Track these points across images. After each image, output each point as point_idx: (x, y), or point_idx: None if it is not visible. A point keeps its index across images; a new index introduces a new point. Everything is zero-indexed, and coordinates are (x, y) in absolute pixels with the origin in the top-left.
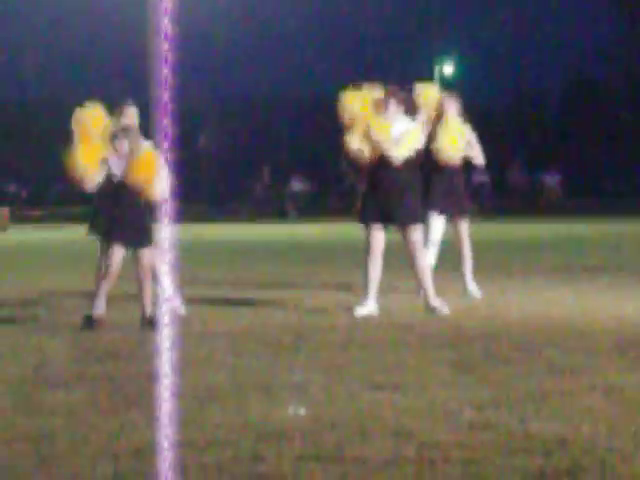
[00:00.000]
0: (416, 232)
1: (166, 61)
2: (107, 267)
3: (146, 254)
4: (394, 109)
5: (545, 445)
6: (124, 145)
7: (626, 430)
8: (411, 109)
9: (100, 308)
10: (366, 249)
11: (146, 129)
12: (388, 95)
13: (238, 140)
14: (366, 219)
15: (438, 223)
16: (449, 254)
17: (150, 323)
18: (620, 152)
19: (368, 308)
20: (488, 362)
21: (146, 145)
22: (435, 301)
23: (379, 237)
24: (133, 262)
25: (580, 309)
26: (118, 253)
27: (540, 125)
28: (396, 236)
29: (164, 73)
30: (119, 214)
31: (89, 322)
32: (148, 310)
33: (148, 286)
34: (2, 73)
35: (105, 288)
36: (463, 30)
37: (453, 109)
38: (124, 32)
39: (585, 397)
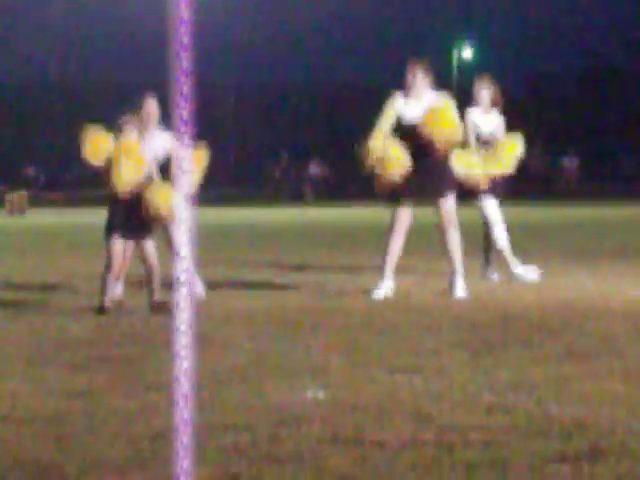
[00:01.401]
0: (450, 201)
1: (183, 46)
2: (107, 259)
3: (149, 244)
4: (421, 81)
5: (564, 428)
6: (133, 136)
7: None
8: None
9: (113, 294)
10: (391, 227)
11: (166, 117)
12: (414, 66)
13: (257, 124)
14: (396, 196)
15: (490, 203)
16: (469, 237)
17: (159, 307)
18: (638, 135)
19: (385, 289)
20: (507, 345)
21: (163, 135)
22: (458, 283)
23: (406, 214)
24: (138, 250)
25: (598, 293)
26: (117, 245)
27: (558, 109)
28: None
29: (182, 57)
30: (124, 207)
31: (101, 310)
32: (157, 295)
33: (156, 272)
34: (21, 57)
35: (110, 279)
36: (481, 14)
37: (484, 93)
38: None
39: (604, 380)
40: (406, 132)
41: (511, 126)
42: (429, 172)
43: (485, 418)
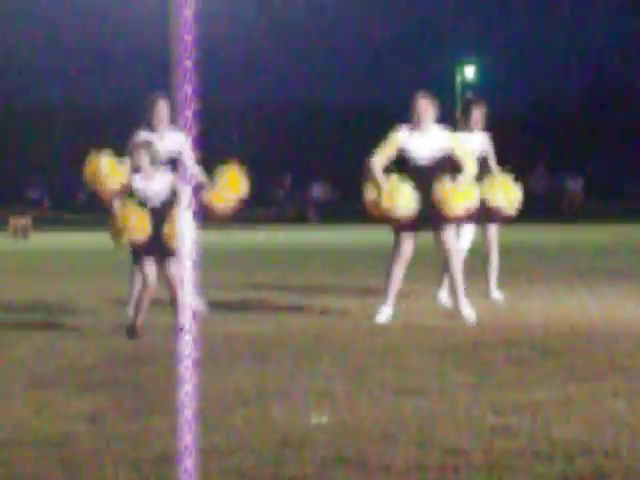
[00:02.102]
0: (450, 234)
1: (186, 72)
2: (144, 279)
3: (173, 263)
4: (425, 114)
5: (568, 450)
6: (145, 160)
7: None
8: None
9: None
10: (394, 254)
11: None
12: (419, 99)
13: (260, 147)
14: (403, 227)
15: (467, 230)
16: (472, 258)
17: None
18: None
19: (388, 314)
20: (510, 367)
21: (172, 137)
22: (464, 305)
23: (410, 245)
24: (161, 270)
25: (603, 314)
26: (148, 265)
27: (562, 129)
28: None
29: (185, 82)
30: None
31: (132, 331)
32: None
33: (180, 293)
34: (24, 77)
35: (146, 300)
36: (484, 35)
37: (477, 115)
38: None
39: (608, 402)
40: (410, 164)
41: (514, 147)
42: (431, 203)
43: (489, 441)
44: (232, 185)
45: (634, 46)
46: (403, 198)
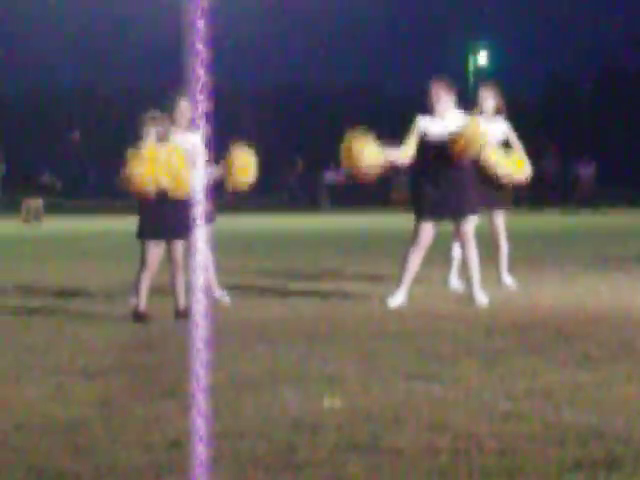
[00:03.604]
0: (470, 223)
1: (200, 56)
2: (142, 261)
3: (179, 246)
4: (444, 100)
5: (580, 436)
6: (152, 136)
7: None
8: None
9: (140, 301)
10: (413, 241)
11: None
12: (437, 86)
13: (272, 131)
14: (424, 215)
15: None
16: (484, 245)
17: (184, 315)
18: None
19: (400, 299)
20: (523, 352)
21: (187, 137)
22: (478, 293)
23: (430, 233)
24: (166, 254)
25: (615, 300)
26: (151, 247)
27: (574, 114)
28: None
29: (198, 66)
30: (154, 207)
31: (137, 316)
32: (181, 302)
33: (181, 278)
34: (37, 63)
35: (145, 282)
36: (497, 20)
37: (490, 101)
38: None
39: (620, 387)
40: (431, 149)
41: (526, 132)
42: (452, 191)
43: (501, 425)
44: (244, 168)
45: None
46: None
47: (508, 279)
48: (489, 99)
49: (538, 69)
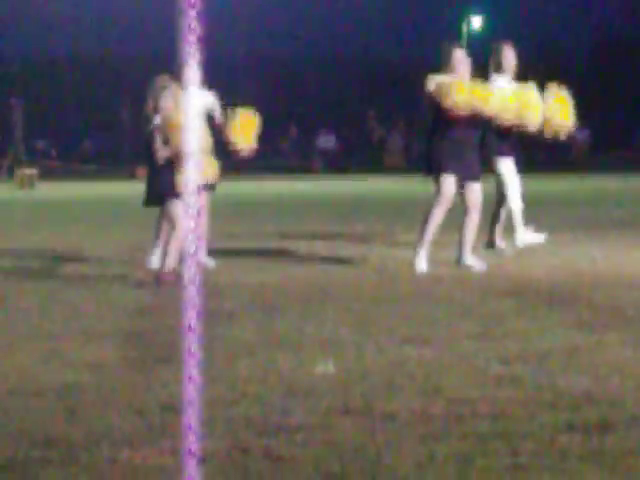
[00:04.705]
0: (479, 186)
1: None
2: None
3: (172, 206)
4: (464, 65)
5: (573, 400)
6: (169, 100)
7: None
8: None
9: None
10: (437, 198)
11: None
12: (456, 50)
13: (266, 96)
14: (447, 170)
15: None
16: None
17: (159, 281)
18: None
19: (425, 261)
20: (516, 316)
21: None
22: (471, 257)
23: (452, 188)
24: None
25: (608, 264)
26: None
27: (568, 81)
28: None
29: (189, 32)
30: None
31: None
32: (167, 264)
33: (171, 237)
34: (27, 28)
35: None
36: None
37: (513, 61)
38: None
39: (613, 351)
40: (450, 115)
41: None
42: (472, 153)
43: (494, 390)
44: (247, 130)
45: None
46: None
47: (503, 243)
48: (513, 59)
49: (533, 35)
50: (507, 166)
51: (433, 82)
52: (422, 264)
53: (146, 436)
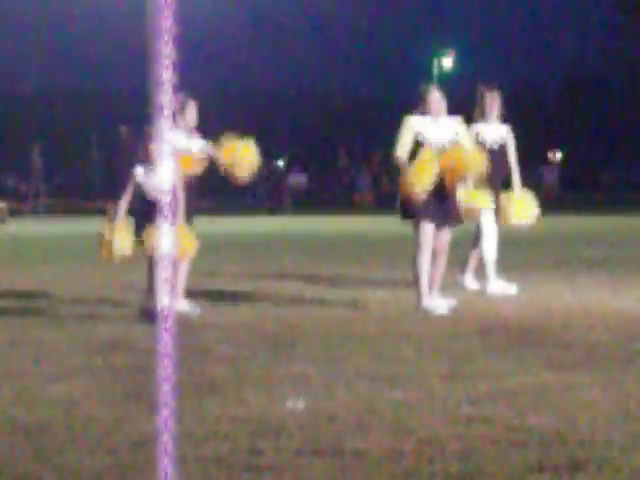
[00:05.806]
0: (450, 233)
1: (164, 58)
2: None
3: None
4: (439, 105)
5: (543, 439)
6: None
7: (624, 424)
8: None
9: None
10: (418, 246)
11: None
12: (433, 90)
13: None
14: (424, 217)
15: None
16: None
17: (147, 314)
18: (618, 146)
19: (443, 302)
20: (486, 356)
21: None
22: (432, 300)
23: (431, 233)
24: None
25: (579, 304)
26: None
27: (538, 119)
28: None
29: (163, 68)
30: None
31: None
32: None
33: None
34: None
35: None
36: (462, 24)
37: (495, 107)
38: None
39: (583, 391)
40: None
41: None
42: (448, 198)
43: (464, 429)
44: (246, 159)
45: (611, 40)
46: (427, 178)
47: (473, 283)
48: (495, 104)
49: (504, 73)
50: (487, 217)
51: (401, 149)
52: (442, 308)
53: (116, 473)
